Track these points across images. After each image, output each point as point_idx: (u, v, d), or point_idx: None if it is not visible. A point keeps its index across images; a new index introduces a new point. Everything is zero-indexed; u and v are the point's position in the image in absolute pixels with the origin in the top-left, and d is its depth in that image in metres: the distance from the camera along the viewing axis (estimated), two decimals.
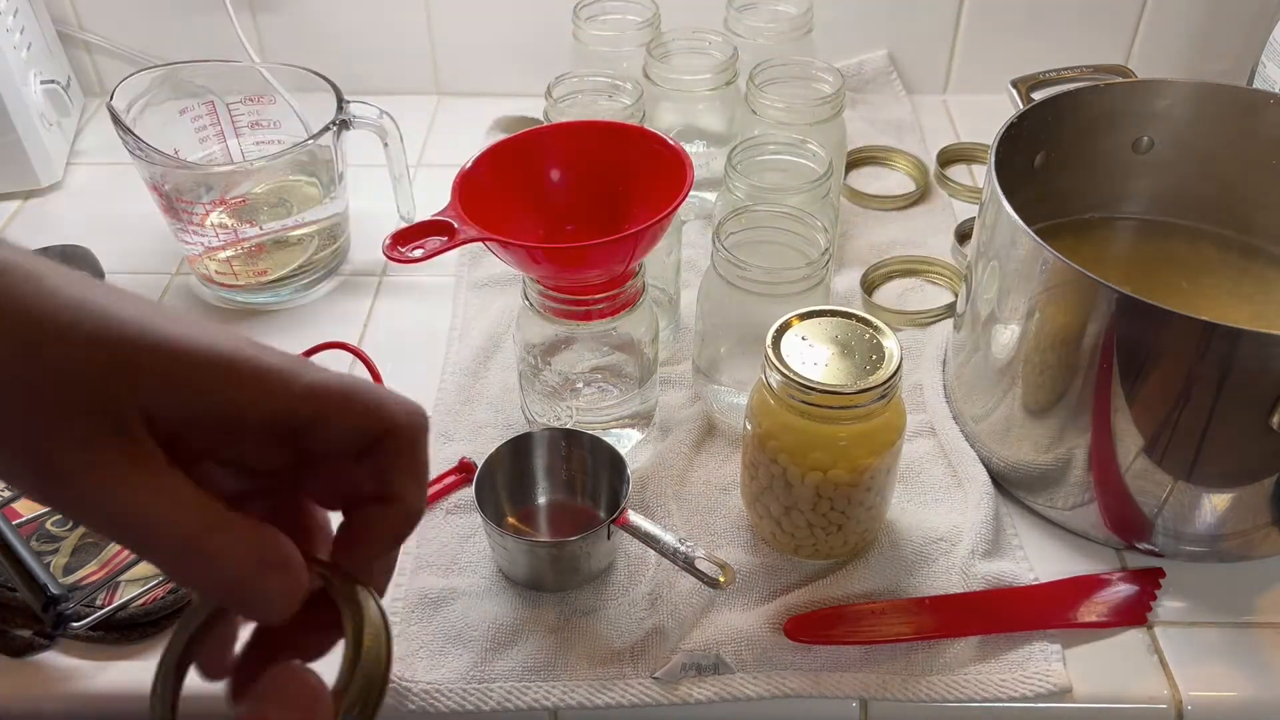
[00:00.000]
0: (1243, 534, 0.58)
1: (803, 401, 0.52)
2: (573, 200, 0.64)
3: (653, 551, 0.57)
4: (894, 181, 0.91)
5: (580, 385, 0.67)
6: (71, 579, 0.58)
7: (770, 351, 0.54)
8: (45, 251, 0.78)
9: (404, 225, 0.57)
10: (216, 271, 0.77)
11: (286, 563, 0.29)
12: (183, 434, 0.28)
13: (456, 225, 0.56)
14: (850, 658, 0.55)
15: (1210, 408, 0.52)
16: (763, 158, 0.69)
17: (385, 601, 0.51)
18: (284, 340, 0.74)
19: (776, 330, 0.55)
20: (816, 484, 0.55)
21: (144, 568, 0.58)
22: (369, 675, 0.29)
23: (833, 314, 0.55)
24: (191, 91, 0.79)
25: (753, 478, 0.58)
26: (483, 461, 0.59)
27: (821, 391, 0.52)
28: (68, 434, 0.27)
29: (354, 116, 0.76)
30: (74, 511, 0.28)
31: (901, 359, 0.53)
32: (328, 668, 0.30)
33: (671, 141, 0.60)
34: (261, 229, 0.76)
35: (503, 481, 0.60)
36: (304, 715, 0.28)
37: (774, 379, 0.53)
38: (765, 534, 0.60)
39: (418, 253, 0.55)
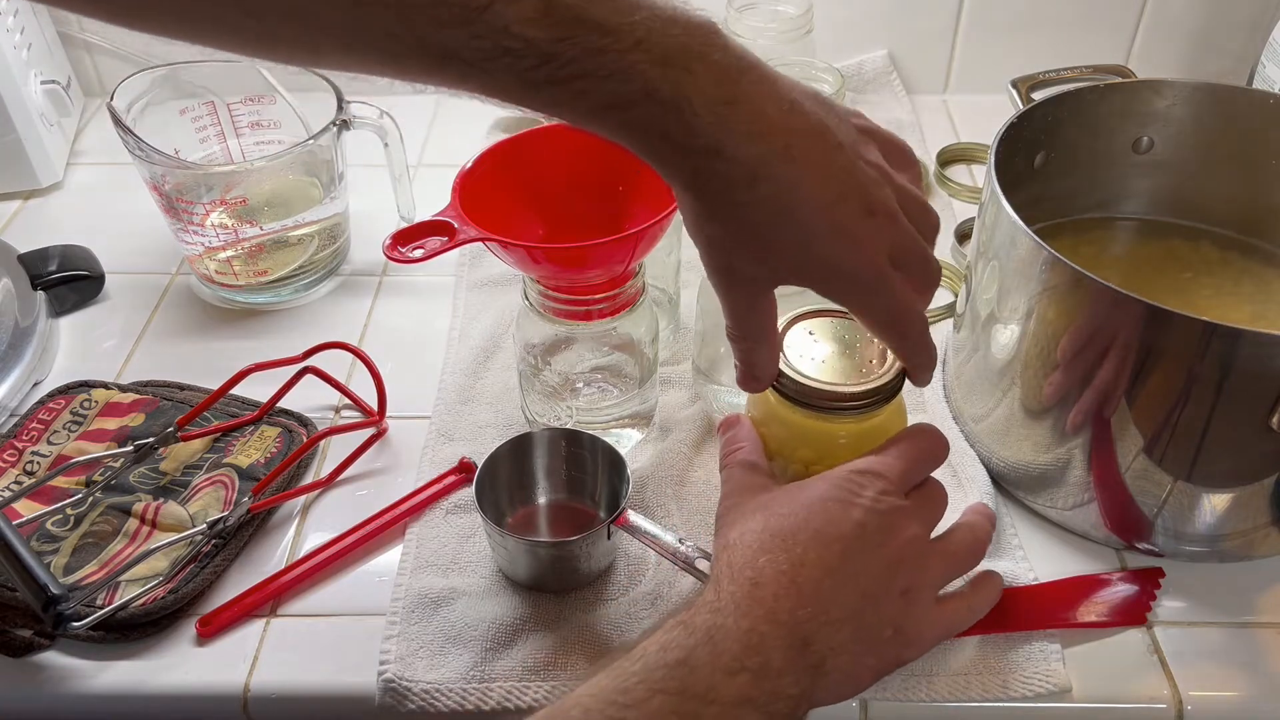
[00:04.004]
0: (1243, 534, 0.58)
1: (801, 401, 0.52)
2: (573, 200, 0.64)
3: (653, 551, 0.57)
4: None
5: (580, 385, 0.67)
6: (71, 579, 0.58)
7: None
8: (45, 252, 0.78)
9: (404, 225, 0.57)
10: (216, 271, 0.77)
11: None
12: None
13: (456, 225, 0.56)
14: None
15: (1210, 408, 0.52)
16: None
17: (385, 602, 0.51)
18: (284, 340, 0.74)
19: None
20: None
21: (144, 568, 0.58)
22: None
23: (834, 314, 0.55)
24: (192, 91, 0.79)
25: None
26: (483, 461, 0.59)
27: (820, 391, 0.51)
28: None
29: (354, 116, 0.76)
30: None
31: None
32: None
33: None
34: (261, 229, 0.76)
35: (503, 481, 0.60)
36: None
37: None
38: None
39: (418, 253, 0.55)
